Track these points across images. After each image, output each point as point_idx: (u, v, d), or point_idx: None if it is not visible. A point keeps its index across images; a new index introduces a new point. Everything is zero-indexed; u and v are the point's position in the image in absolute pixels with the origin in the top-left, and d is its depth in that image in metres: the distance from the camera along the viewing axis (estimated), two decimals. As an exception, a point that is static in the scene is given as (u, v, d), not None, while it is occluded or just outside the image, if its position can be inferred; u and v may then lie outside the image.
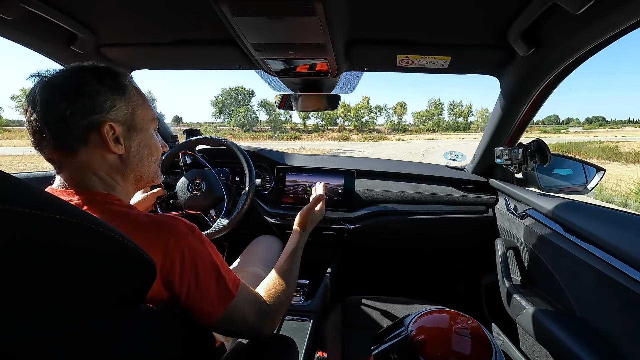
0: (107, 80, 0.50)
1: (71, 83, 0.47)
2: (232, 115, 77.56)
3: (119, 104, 0.51)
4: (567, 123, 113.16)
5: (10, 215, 0.25)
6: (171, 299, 0.45)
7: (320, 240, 1.35)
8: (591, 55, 0.80)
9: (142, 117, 0.55)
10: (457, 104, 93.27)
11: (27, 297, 0.26)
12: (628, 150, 16.46)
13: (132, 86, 0.54)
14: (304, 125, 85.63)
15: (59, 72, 0.49)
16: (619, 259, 0.63)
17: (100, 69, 0.51)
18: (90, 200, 0.48)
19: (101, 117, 0.49)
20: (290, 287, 0.65)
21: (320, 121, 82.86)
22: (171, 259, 0.45)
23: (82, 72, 0.49)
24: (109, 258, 0.34)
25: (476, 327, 0.85)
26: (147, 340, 0.37)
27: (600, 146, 19.66)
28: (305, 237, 0.80)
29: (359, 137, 53.45)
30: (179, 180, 1.13)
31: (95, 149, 0.50)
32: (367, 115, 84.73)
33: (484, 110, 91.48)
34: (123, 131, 0.52)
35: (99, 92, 0.49)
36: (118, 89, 0.51)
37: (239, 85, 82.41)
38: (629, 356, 0.60)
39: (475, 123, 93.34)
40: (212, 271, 0.49)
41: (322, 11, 0.66)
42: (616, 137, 44.68)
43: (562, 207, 0.87)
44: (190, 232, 0.48)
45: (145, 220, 0.46)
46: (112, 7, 0.83)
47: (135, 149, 0.54)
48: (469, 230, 1.36)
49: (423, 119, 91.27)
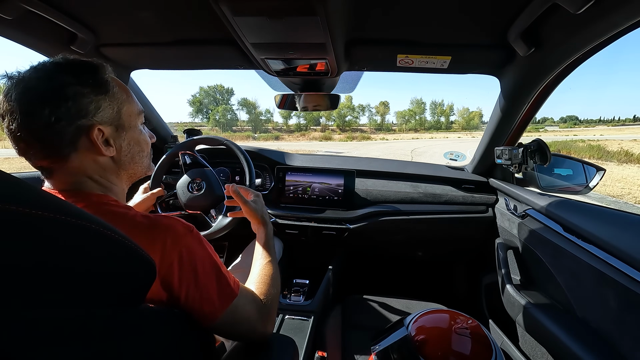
0: (87, 79, 0.47)
1: (50, 86, 0.44)
2: (211, 114, 73.13)
3: (104, 104, 0.49)
4: (543, 122, 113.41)
5: (10, 215, 0.25)
6: (170, 300, 0.45)
7: (320, 240, 1.35)
8: (591, 55, 0.80)
9: (128, 114, 0.53)
10: (438, 103, 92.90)
11: (27, 297, 0.26)
12: (615, 149, 15.59)
13: (113, 81, 0.52)
14: (286, 124, 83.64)
15: (32, 73, 0.45)
16: (619, 259, 0.63)
17: (77, 67, 0.47)
18: (86, 202, 0.47)
19: (88, 121, 0.46)
20: (277, 280, 0.65)
21: (302, 121, 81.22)
22: (169, 259, 0.44)
23: (59, 73, 0.45)
24: (109, 258, 0.34)
25: (476, 327, 0.85)
26: (147, 340, 0.37)
27: (587, 145, 18.99)
28: (270, 227, 0.77)
29: (341, 137, 50.68)
30: (179, 181, 1.13)
31: (86, 154, 0.48)
32: (350, 115, 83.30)
33: (464, 109, 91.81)
34: (112, 132, 0.50)
35: (81, 93, 0.46)
36: (100, 88, 0.48)
37: (218, 84, 78.15)
38: (629, 356, 0.60)
39: (456, 122, 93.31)
40: (212, 271, 0.49)
41: (322, 11, 0.66)
42: (594, 135, 44.66)
43: (562, 207, 0.87)
44: (188, 233, 0.48)
45: (142, 221, 0.46)
46: (112, 7, 0.83)
47: (125, 148, 0.53)
48: (469, 230, 1.36)
49: (406, 118, 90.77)
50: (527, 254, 1.01)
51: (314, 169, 1.37)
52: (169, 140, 1.55)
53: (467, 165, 1.47)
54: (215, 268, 0.49)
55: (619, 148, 15.46)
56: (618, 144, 20.87)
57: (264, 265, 0.67)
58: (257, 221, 0.75)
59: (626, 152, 13.60)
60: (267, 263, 0.67)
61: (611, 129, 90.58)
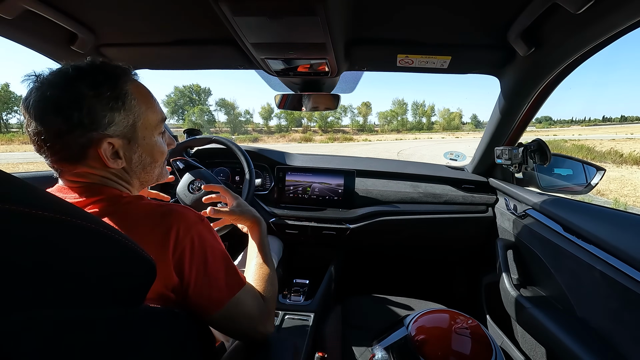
0: (105, 91, 0.46)
1: (66, 95, 0.44)
2: (187, 115, 71.21)
3: (118, 117, 0.48)
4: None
5: (10, 215, 0.25)
6: (180, 286, 0.46)
7: (321, 240, 1.35)
8: (591, 55, 0.80)
9: (144, 126, 0.52)
10: (420, 104, 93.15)
11: (27, 297, 0.26)
12: (606, 149, 14.71)
13: (135, 90, 0.51)
14: (267, 126, 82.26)
15: (52, 78, 0.45)
16: (619, 259, 0.63)
17: (98, 75, 0.47)
18: (101, 195, 0.48)
19: (98, 134, 0.46)
20: (274, 278, 0.65)
21: (283, 122, 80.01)
22: (182, 245, 0.46)
23: (78, 81, 0.45)
24: (109, 257, 0.34)
25: (476, 327, 0.85)
26: (147, 341, 0.37)
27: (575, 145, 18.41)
28: (264, 223, 0.74)
29: (322, 139, 50.15)
30: (178, 187, 1.13)
31: (95, 162, 0.49)
32: (332, 116, 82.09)
33: (445, 110, 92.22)
34: (123, 144, 0.50)
35: (96, 106, 0.46)
36: (117, 100, 0.48)
37: (194, 83, 76.29)
38: (629, 356, 0.60)
39: (437, 123, 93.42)
40: (221, 259, 0.50)
41: (322, 11, 0.66)
42: (573, 135, 44.91)
43: (562, 207, 0.87)
44: (199, 221, 0.49)
45: (156, 209, 0.47)
46: (112, 7, 0.83)
47: (136, 160, 0.53)
48: (469, 230, 1.36)
49: (388, 119, 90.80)
50: (527, 254, 1.01)
51: (314, 169, 1.37)
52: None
53: (467, 165, 1.47)
54: (225, 257, 0.51)
55: (609, 148, 14.93)
56: (599, 142, 20.64)
57: (261, 263, 0.66)
58: (250, 222, 0.71)
59: (616, 152, 13.34)
60: (264, 262, 0.67)
61: (585, 128, 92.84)
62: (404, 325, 0.89)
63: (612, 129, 72.19)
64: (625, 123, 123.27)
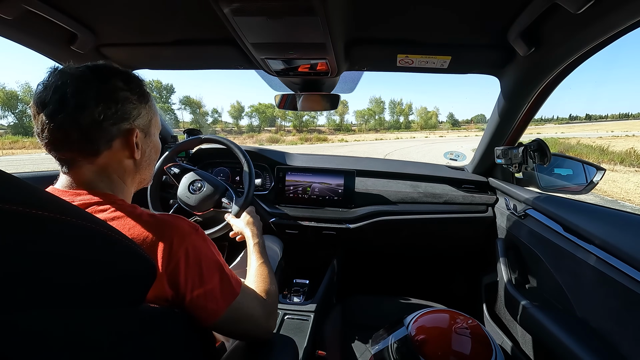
0: (135, 87, 0.53)
1: (105, 87, 0.49)
2: None
3: (143, 111, 0.54)
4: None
5: (10, 215, 0.25)
6: (176, 297, 0.46)
7: (321, 240, 1.35)
8: (591, 55, 0.80)
9: (154, 124, 0.59)
10: (397, 102, 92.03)
11: (27, 297, 0.26)
12: (624, 149, 13.40)
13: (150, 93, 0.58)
14: (237, 125, 79.07)
15: (86, 72, 0.48)
16: (619, 259, 0.63)
17: (127, 75, 0.53)
18: (95, 199, 0.48)
19: (129, 124, 0.52)
20: (273, 278, 0.69)
21: (255, 122, 76.93)
22: (176, 257, 0.45)
23: (112, 77, 0.50)
24: (109, 258, 0.34)
25: (476, 327, 0.85)
26: (147, 341, 0.37)
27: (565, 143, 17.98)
28: (263, 238, 0.85)
29: (293, 139, 47.36)
30: (178, 191, 1.13)
31: (115, 154, 0.52)
32: (307, 115, 77.61)
33: (422, 109, 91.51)
34: (142, 137, 0.55)
35: (129, 99, 0.51)
36: (143, 97, 0.54)
37: (155, 79, 72.18)
38: (629, 356, 0.60)
39: (414, 122, 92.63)
40: (215, 269, 0.50)
41: (322, 11, 0.66)
42: (556, 133, 45.05)
43: (562, 207, 0.87)
44: (193, 231, 0.49)
45: (149, 220, 0.47)
46: (112, 7, 0.83)
47: (148, 152, 0.58)
48: (469, 229, 1.36)
49: (365, 118, 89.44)
50: (527, 254, 1.01)
51: (314, 169, 1.37)
52: (169, 141, 1.55)
53: (467, 165, 1.47)
54: (219, 266, 0.51)
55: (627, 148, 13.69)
56: (577, 141, 20.37)
57: (260, 264, 0.72)
58: (253, 236, 0.83)
59: (604, 149, 12.70)
60: (262, 263, 0.73)
61: (560, 126, 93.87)
62: (403, 325, 0.89)
63: (580, 127, 74.83)
64: (590, 122, 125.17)
